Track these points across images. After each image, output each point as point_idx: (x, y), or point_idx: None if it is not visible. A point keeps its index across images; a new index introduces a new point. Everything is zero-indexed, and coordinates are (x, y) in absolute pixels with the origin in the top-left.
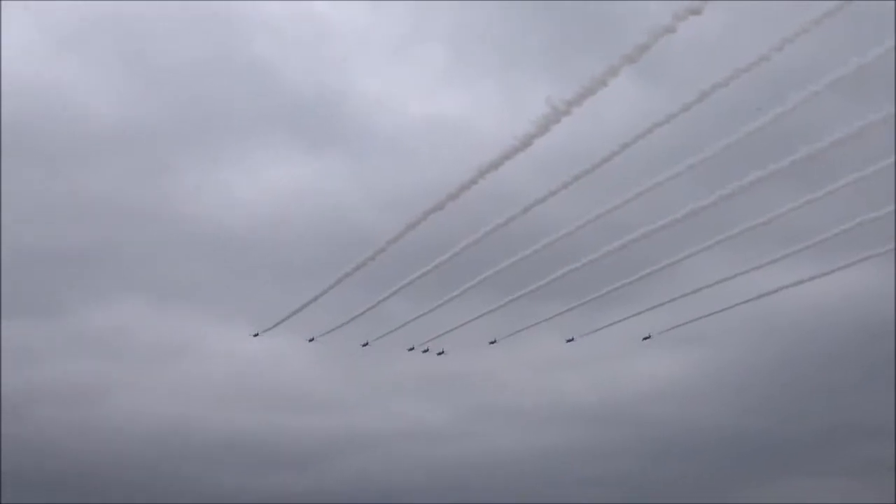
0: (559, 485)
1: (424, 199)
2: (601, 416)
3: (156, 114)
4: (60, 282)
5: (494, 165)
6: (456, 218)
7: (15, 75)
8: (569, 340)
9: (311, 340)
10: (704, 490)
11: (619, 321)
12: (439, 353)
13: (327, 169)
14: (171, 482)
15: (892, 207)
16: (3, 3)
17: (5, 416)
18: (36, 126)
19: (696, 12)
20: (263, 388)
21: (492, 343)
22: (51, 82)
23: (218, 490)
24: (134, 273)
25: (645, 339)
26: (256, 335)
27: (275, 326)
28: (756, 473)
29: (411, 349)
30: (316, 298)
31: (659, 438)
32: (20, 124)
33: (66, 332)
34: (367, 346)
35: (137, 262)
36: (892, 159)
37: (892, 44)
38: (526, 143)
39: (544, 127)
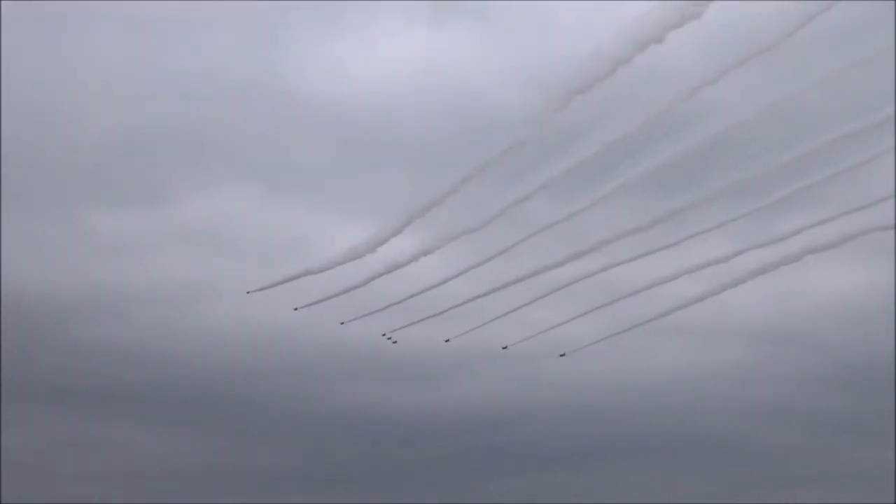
0: (719, 413)
1: (568, 78)
2: (772, 336)
3: None
4: (159, 168)
5: (654, 38)
6: (606, 101)
7: None
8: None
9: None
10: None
11: (800, 230)
12: (394, 342)
13: (455, 39)
14: (281, 394)
15: None
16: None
17: (99, 315)
18: None
19: None
20: (384, 295)
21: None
22: None
23: (331, 405)
24: (241, 158)
25: (561, 355)
26: (249, 293)
27: (272, 286)
28: None
29: (384, 335)
30: (440, 200)
31: (841, 365)
32: None
33: (166, 224)
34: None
35: (245, 146)
36: None
37: None
38: (692, 11)
39: None
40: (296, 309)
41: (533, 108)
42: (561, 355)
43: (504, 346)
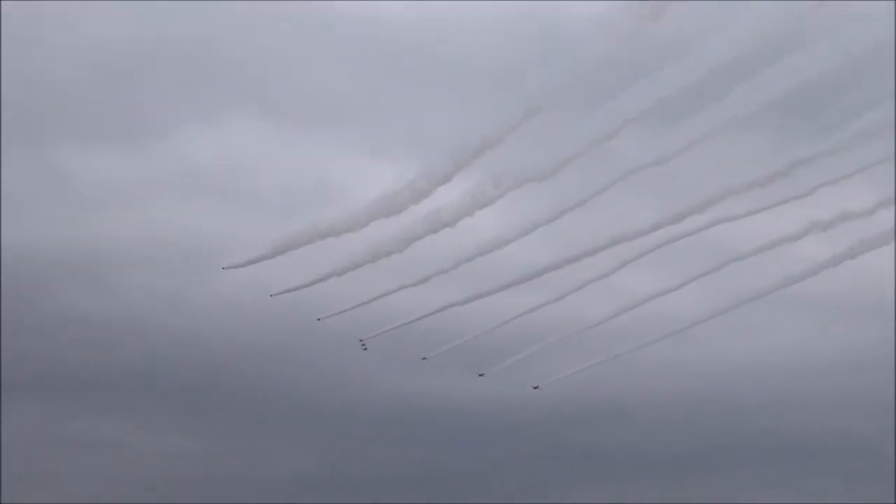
0: (863, 408)
1: None
2: None
3: None
4: (153, 97)
5: None
6: (712, 9)
7: None
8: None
9: None
10: None
11: None
12: (364, 349)
13: None
14: (309, 382)
15: None
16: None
17: (79, 282)
18: None
19: None
20: (437, 255)
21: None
22: None
23: (371, 396)
24: (252, 85)
25: (535, 388)
26: (224, 269)
27: (257, 261)
28: None
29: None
30: (500, 137)
31: None
32: None
33: (162, 168)
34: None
35: (257, 70)
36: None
37: None
38: None
39: None
40: (272, 296)
41: (618, 18)
42: (534, 388)
43: (481, 373)
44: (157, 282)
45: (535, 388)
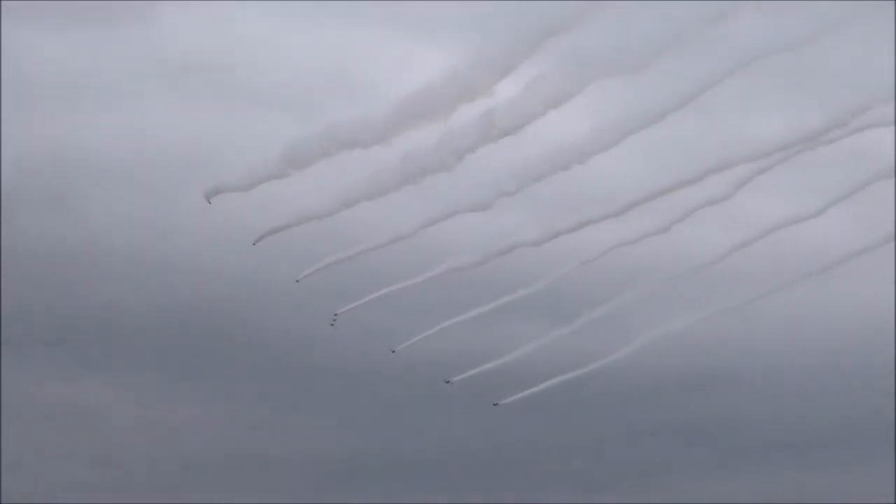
0: None
1: None
2: None
3: None
4: None
5: None
6: None
7: None
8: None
9: None
10: None
11: None
12: (332, 325)
13: None
14: (337, 336)
15: None
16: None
17: (36, 205)
18: None
19: None
20: (495, 172)
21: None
22: None
23: (422, 353)
24: None
25: (495, 405)
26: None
27: (243, 189)
28: None
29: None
30: (580, 14)
31: None
32: None
33: (139, 53)
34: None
35: None
36: None
37: None
38: None
39: None
40: (254, 244)
41: None
42: (494, 405)
43: (447, 379)
44: (135, 203)
45: (495, 405)
